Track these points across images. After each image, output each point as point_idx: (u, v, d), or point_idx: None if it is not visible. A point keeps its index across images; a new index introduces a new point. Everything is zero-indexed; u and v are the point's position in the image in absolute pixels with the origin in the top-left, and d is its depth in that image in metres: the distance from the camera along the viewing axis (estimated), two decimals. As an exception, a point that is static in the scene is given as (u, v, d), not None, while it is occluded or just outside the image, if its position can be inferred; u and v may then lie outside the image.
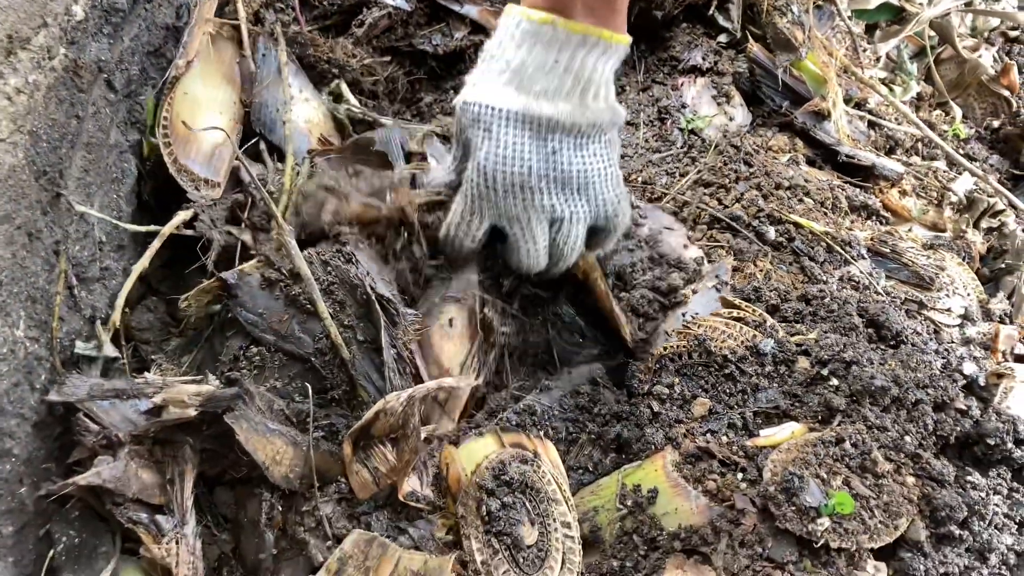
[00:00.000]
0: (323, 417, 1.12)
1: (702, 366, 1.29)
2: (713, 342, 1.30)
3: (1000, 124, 2.13)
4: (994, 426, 1.20)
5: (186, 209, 1.25)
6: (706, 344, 1.29)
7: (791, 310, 1.37)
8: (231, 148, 1.35)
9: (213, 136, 1.34)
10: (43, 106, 1.05)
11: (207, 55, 1.39)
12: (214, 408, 1.02)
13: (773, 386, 1.24)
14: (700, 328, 1.34)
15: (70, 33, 1.12)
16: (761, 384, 1.25)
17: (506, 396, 1.28)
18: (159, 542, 1.00)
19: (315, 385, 1.14)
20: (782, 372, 1.26)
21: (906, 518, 1.09)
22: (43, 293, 1.04)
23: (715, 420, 1.22)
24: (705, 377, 1.28)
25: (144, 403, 1.06)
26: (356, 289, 1.19)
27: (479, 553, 1.03)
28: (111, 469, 1.00)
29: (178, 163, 1.29)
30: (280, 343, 1.14)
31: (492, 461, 1.10)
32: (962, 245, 1.71)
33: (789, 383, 1.24)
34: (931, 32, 2.15)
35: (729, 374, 1.27)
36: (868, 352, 1.26)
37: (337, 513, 1.05)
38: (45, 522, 1.02)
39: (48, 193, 1.06)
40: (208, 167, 1.32)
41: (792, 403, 1.23)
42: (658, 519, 1.11)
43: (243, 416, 1.03)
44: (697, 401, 1.25)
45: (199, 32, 1.38)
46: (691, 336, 1.33)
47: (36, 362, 1.02)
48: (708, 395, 1.26)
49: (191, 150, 1.31)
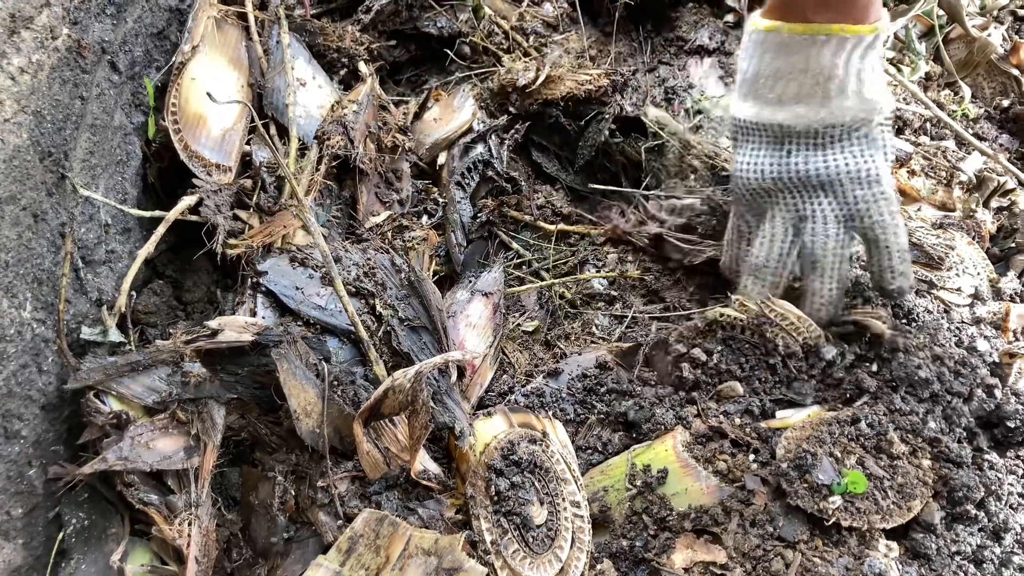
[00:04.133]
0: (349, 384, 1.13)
1: (749, 344, 1.25)
2: (771, 328, 1.25)
3: (1010, 103, 2.10)
4: (1014, 408, 1.19)
5: (191, 194, 1.24)
6: (763, 327, 1.25)
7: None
8: (241, 132, 1.34)
9: (223, 121, 1.33)
10: (47, 86, 1.04)
11: (212, 40, 1.38)
12: (266, 340, 1.05)
13: (811, 382, 1.23)
14: (770, 311, 1.27)
15: (73, 13, 1.11)
16: (799, 379, 1.23)
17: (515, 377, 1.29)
18: (171, 523, 1.00)
19: (353, 358, 1.17)
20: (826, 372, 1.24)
21: (920, 500, 1.08)
22: (49, 275, 1.04)
23: (733, 403, 1.21)
24: (748, 356, 1.24)
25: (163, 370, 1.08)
26: (399, 272, 1.25)
27: (488, 533, 1.03)
28: (117, 451, 1.00)
29: (189, 149, 1.28)
30: (319, 316, 1.17)
31: (501, 441, 1.10)
32: (972, 225, 1.69)
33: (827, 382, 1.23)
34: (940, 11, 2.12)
35: (772, 365, 1.24)
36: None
37: (349, 492, 1.05)
38: (55, 504, 1.02)
39: (53, 174, 1.05)
40: (219, 151, 1.31)
41: (823, 395, 1.22)
42: (668, 499, 1.11)
43: (286, 356, 1.05)
44: (727, 385, 1.23)
45: (203, 16, 1.37)
46: (754, 314, 1.27)
47: (43, 344, 1.02)
48: (742, 375, 1.23)
49: (201, 135, 1.30)
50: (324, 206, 1.34)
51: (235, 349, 1.06)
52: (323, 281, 1.21)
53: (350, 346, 1.18)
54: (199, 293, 1.32)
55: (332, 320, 1.17)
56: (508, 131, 1.60)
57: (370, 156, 1.40)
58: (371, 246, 1.29)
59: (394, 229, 1.39)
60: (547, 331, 1.43)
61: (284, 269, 1.20)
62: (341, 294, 1.13)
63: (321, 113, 1.43)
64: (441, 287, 1.40)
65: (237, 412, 1.11)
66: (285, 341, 1.06)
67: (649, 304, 1.49)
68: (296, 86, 1.39)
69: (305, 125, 1.40)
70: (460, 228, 1.47)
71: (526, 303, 1.47)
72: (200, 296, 1.32)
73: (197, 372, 1.08)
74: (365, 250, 1.27)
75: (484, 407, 1.23)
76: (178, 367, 1.09)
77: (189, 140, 1.28)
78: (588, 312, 1.46)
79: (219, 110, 1.32)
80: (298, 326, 1.16)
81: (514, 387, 1.29)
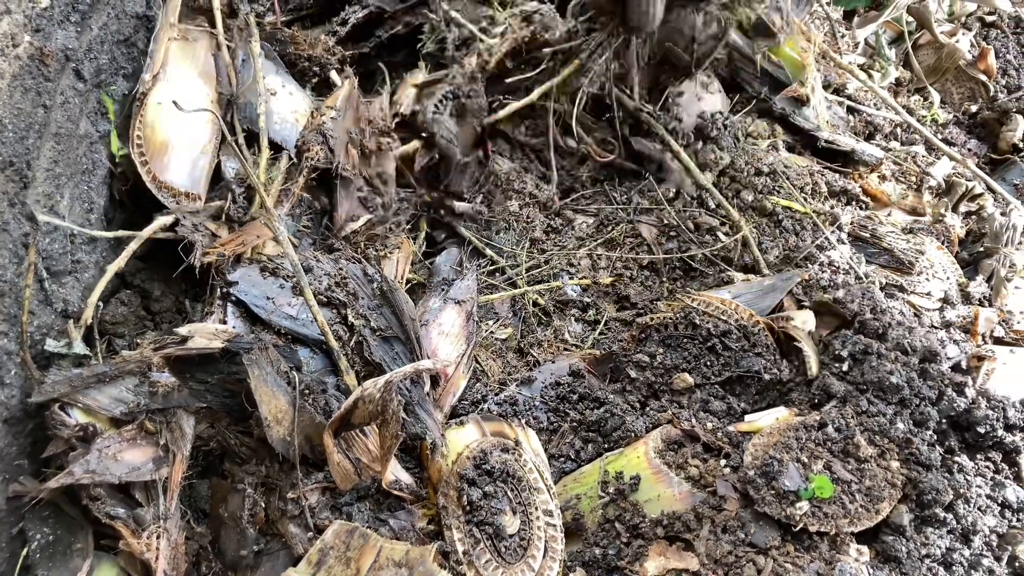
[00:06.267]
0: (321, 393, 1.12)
1: (686, 337, 1.30)
2: (699, 316, 1.31)
3: (978, 108, 2.13)
4: (983, 414, 1.20)
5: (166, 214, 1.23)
6: (691, 317, 1.30)
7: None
8: (211, 155, 1.32)
9: (191, 146, 1.30)
10: (8, 95, 1.02)
11: (178, 57, 1.36)
12: (236, 347, 1.04)
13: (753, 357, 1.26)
14: (692, 301, 1.34)
15: (35, 20, 1.09)
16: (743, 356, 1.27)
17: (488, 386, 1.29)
18: (138, 536, 0.98)
19: (324, 367, 1.16)
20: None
21: (888, 502, 1.09)
22: (11, 286, 1.02)
23: (688, 395, 1.25)
24: (688, 347, 1.29)
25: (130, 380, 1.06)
26: (372, 282, 1.24)
27: (460, 543, 1.02)
28: (84, 464, 0.98)
29: (157, 180, 1.25)
30: (290, 325, 1.16)
31: (473, 450, 1.09)
32: (941, 229, 1.71)
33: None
34: (909, 17, 2.14)
35: (712, 347, 1.28)
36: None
37: (320, 504, 1.04)
38: (19, 520, 1.00)
39: (15, 184, 1.04)
40: (189, 178, 1.28)
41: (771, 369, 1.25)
42: (641, 506, 1.11)
43: (257, 362, 1.04)
44: (677, 377, 1.26)
45: (164, 39, 1.35)
46: (678, 308, 1.33)
47: (5, 356, 1.00)
48: (689, 366, 1.28)
49: (169, 164, 1.27)
50: (295, 216, 1.33)
51: (205, 356, 1.05)
52: (294, 291, 1.20)
53: (321, 356, 1.17)
54: (168, 303, 1.30)
55: (303, 330, 1.17)
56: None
57: (353, 162, 1.39)
58: (343, 255, 1.28)
59: (369, 237, 1.38)
60: (520, 338, 1.43)
61: (255, 279, 1.19)
62: (311, 304, 1.12)
63: (296, 118, 1.41)
64: (414, 295, 1.40)
65: (206, 421, 1.10)
66: (256, 347, 1.05)
67: (622, 311, 1.49)
68: (267, 95, 1.38)
69: (281, 130, 1.38)
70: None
71: (499, 310, 1.46)
72: (168, 306, 1.30)
73: (165, 382, 1.07)
74: (337, 260, 1.26)
75: (457, 415, 1.23)
76: (146, 377, 1.07)
77: (157, 171, 1.25)
78: (561, 319, 1.46)
79: (187, 134, 1.30)
80: (269, 335, 1.15)
81: (487, 395, 1.28)
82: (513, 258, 1.55)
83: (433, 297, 1.38)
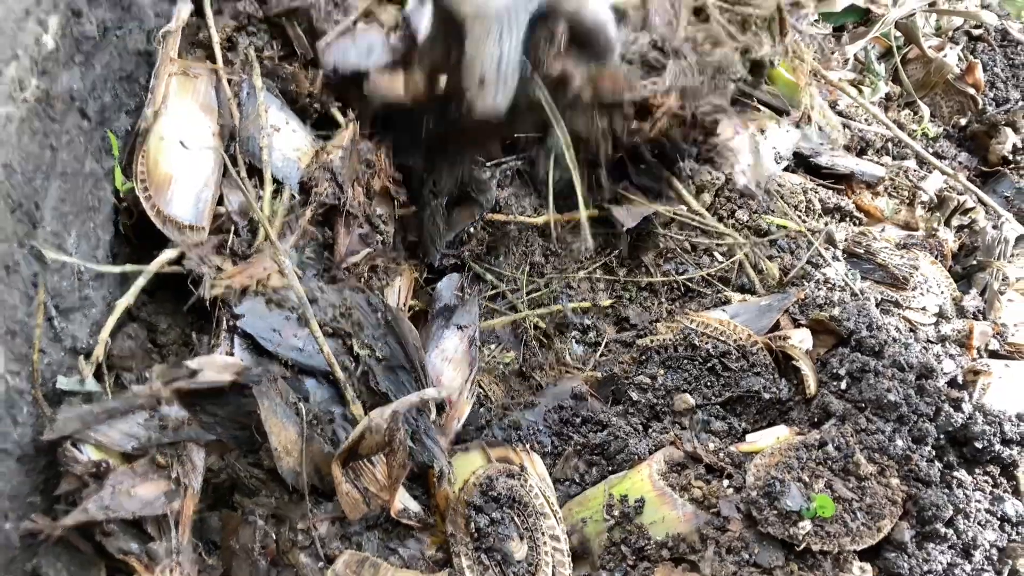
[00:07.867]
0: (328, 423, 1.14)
1: (686, 359, 1.32)
2: (698, 337, 1.33)
3: (967, 122, 2.16)
4: (981, 429, 1.22)
5: (172, 248, 1.25)
6: (690, 338, 1.33)
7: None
8: (214, 188, 1.33)
9: (195, 179, 1.32)
10: (16, 138, 1.04)
11: (178, 92, 1.38)
12: (246, 380, 1.05)
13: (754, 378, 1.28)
14: (691, 322, 1.36)
15: (41, 63, 1.11)
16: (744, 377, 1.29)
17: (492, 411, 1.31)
18: (152, 571, 1.00)
19: (332, 397, 1.17)
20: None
21: (890, 519, 1.11)
22: (22, 326, 1.04)
23: (690, 415, 1.27)
24: (688, 368, 1.32)
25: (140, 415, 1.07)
26: (376, 311, 1.25)
27: (469, 570, 1.03)
28: (98, 500, 1.00)
29: (161, 214, 1.27)
30: (297, 357, 1.17)
31: (480, 477, 1.11)
32: (934, 243, 1.73)
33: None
34: (897, 33, 2.18)
35: (712, 367, 1.30)
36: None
37: (330, 534, 1.06)
38: (32, 556, 1.01)
39: (24, 225, 1.05)
40: (193, 211, 1.30)
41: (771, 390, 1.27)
42: (645, 528, 1.12)
43: (267, 394, 1.06)
44: (678, 398, 1.28)
45: (164, 74, 1.37)
46: (677, 329, 1.35)
47: (17, 395, 1.02)
48: (690, 388, 1.30)
49: (173, 197, 1.28)
50: (298, 248, 1.34)
51: (215, 389, 1.06)
52: (300, 322, 1.21)
53: (328, 386, 1.18)
54: (173, 335, 1.32)
55: (310, 361, 1.18)
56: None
57: (359, 200, 1.41)
58: (347, 286, 1.30)
59: (370, 268, 1.39)
60: (522, 362, 1.45)
61: (260, 311, 1.20)
62: (317, 335, 1.14)
63: (298, 156, 1.43)
64: (417, 322, 1.41)
65: (216, 454, 1.11)
66: (265, 379, 1.07)
67: (621, 331, 1.51)
68: (270, 130, 1.40)
69: (283, 168, 1.40)
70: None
71: (501, 334, 1.48)
72: (175, 338, 1.32)
73: (175, 416, 1.08)
74: (341, 290, 1.28)
75: (462, 441, 1.24)
76: (155, 411, 1.08)
77: (161, 204, 1.27)
78: (562, 341, 1.48)
79: (190, 168, 1.32)
80: (277, 367, 1.16)
81: (491, 420, 1.30)
82: (513, 282, 1.57)
83: (436, 324, 1.40)
